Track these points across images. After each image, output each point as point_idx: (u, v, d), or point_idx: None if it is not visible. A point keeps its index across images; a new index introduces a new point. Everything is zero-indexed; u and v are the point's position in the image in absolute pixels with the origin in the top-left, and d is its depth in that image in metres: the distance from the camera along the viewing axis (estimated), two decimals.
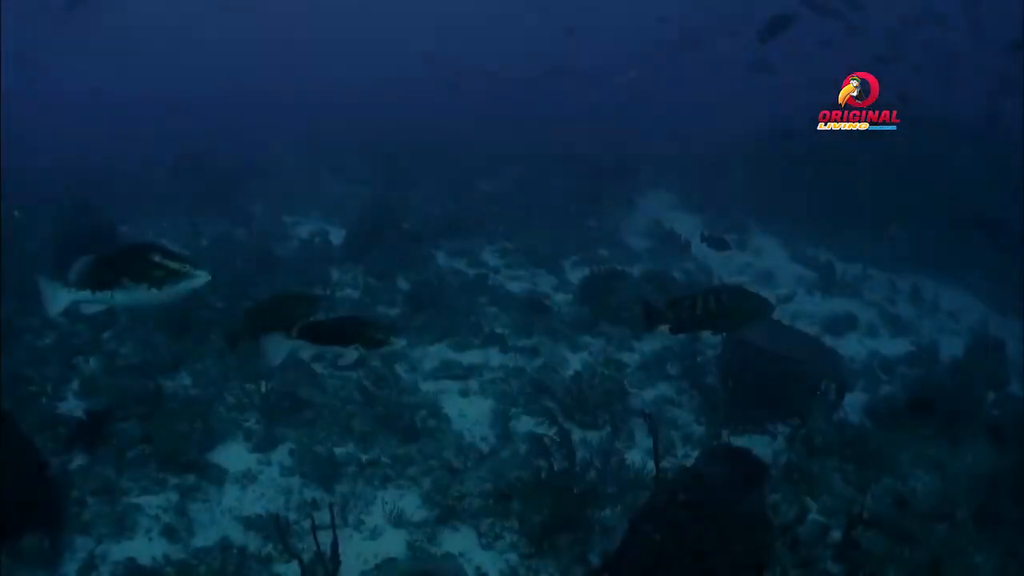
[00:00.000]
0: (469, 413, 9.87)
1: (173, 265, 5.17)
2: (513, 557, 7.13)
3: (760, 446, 9.43)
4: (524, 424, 9.57)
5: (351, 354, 5.85)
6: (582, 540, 7.25)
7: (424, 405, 9.69)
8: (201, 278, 5.26)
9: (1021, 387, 11.73)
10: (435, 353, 11.44)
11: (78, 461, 8.08)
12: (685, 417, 10.16)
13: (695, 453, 9.11)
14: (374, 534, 7.38)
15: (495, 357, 11.48)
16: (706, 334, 12.25)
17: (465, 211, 18.91)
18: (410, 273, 14.46)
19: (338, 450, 8.68)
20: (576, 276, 15.38)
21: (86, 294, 5.23)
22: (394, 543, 7.28)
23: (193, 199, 19.54)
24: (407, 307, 12.82)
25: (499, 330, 12.28)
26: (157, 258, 5.16)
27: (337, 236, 16.71)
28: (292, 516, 7.55)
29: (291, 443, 8.77)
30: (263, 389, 9.30)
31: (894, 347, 13.22)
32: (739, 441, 9.25)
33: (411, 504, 7.82)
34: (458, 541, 7.35)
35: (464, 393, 10.41)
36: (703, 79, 29.06)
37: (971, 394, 9.92)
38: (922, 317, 14.85)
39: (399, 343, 6.03)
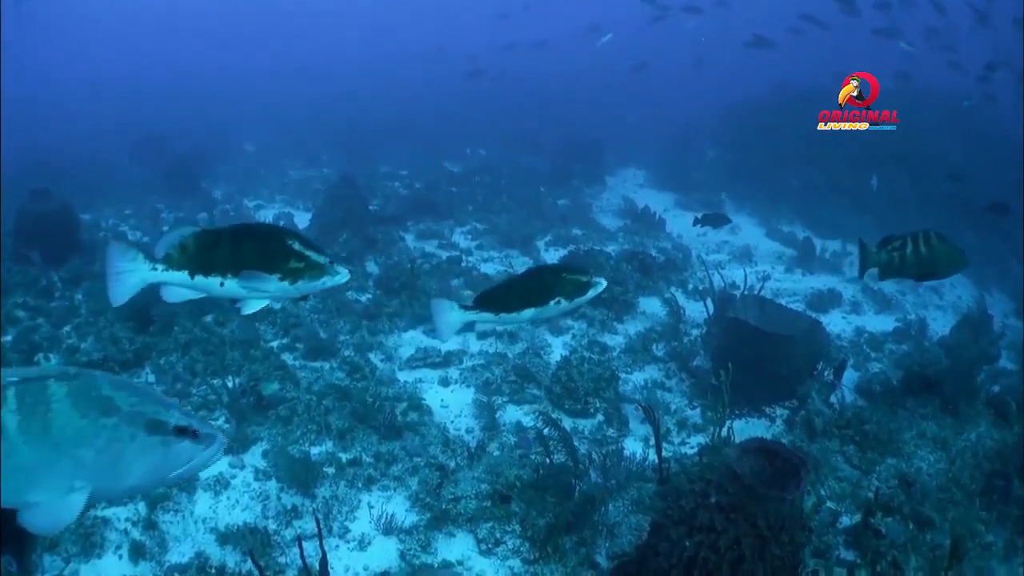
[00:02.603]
0: (452, 404, 9.36)
1: (316, 258, 4.35)
2: (516, 564, 6.63)
3: (759, 430, 9.14)
4: (511, 414, 9.08)
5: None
6: (587, 541, 6.79)
7: (403, 397, 9.17)
8: (343, 276, 4.51)
9: (1012, 361, 11.53)
10: (411, 340, 10.93)
11: None
12: (678, 402, 9.77)
13: (692, 440, 8.85)
14: (362, 543, 6.80)
15: (474, 343, 10.95)
16: (691, 313, 12.11)
17: (433, 192, 18.48)
18: (380, 256, 13.99)
19: (315, 450, 8.09)
20: (551, 256, 15.06)
21: (180, 276, 4.21)
22: (385, 553, 6.74)
23: (155, 184, 19.28)
24: (378, 292, 12.27)
25: None
26: (297, 246, 4.29)
27: (302, 219, 16.24)
28: (271, 526, 6.97)
29: (265, 443, 8.15)
30: (231, 384, 8.68)
31: (880, 323, 12.96)
32: (738, 425, 8.86)
33: (399, 507, 7.25)
34: (455, 548, 6.80)
35: (444, 382, 9.88)
36: (674, 53, 28.65)
37: (968, 370, 9.61)
38: (905, 293, 14.60)
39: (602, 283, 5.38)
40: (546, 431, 7.61)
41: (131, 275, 4.14)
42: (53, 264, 12.05)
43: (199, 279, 4.21)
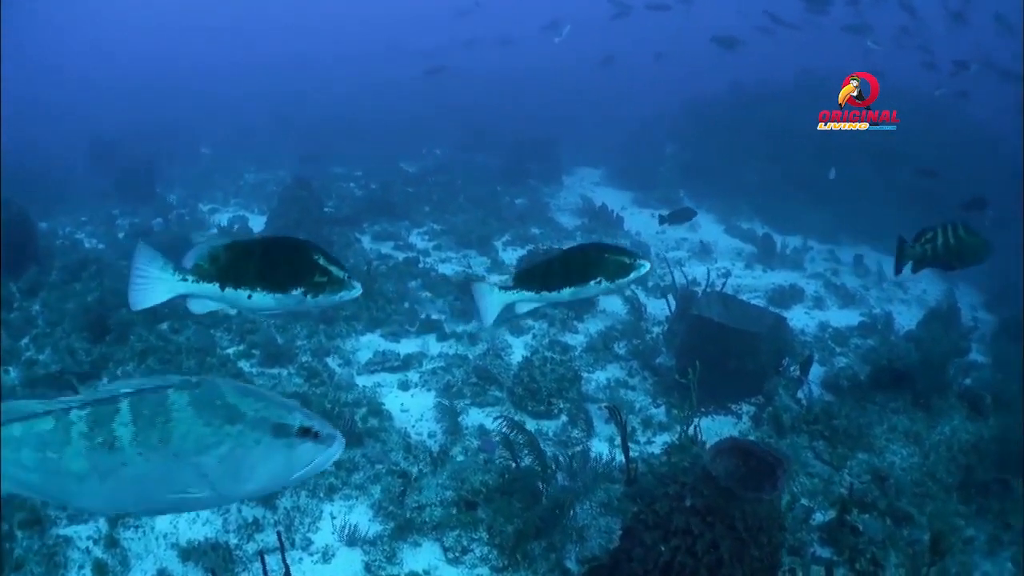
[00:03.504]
0: (412, 408, 9.10)
1: (338, 272, 4.30)
2: (485, 572, 6.40)
3: (726, 428, 9.03)
4: (474, 418, 8.85)
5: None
6: (557, 546, 6.59)
7: (363, 402, 8.92)
8: (357, 290, 4.42)
9: (983, 354, 11.51)
10: (369, 343, 10.66)
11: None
12: (642, 400, 9.61)
13: (658, 439, 8.68)
14: (326, 556, 6.54)
15: (433, 345, 10.73)
16: (652, 310, 11.98)
17: (389, 193, 18.23)
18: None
19: None
20: (509, 256, 14.86)
21: (211, 288, 4.16)
22: (350, 565, 6.48)
23: (110, 189, 18.90)
24: None
25: (435, 316, 11.56)
26: (322, 261, 4.26)
27: (257, 223, 15.92)
28: (232, 540, 6.69)
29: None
30: None
31: (844, 318, 12.91)
32: (704, 423, 8.71)
33: (362, 517, 7.00)
34: (421, 557, 6.55)
35: (404, 386, 9.62)
36: (632, 50, 28.60)
37: (940, 363, 9.55)
38: (868, 287, 14.61)
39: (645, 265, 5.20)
40: (511, 435, 7.39)
41: (159, 283, 4.10)
42: (10, 274, 11.65)
43: (229, 291, 4.19)
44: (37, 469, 2.79)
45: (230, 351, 10.01)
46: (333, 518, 7.00)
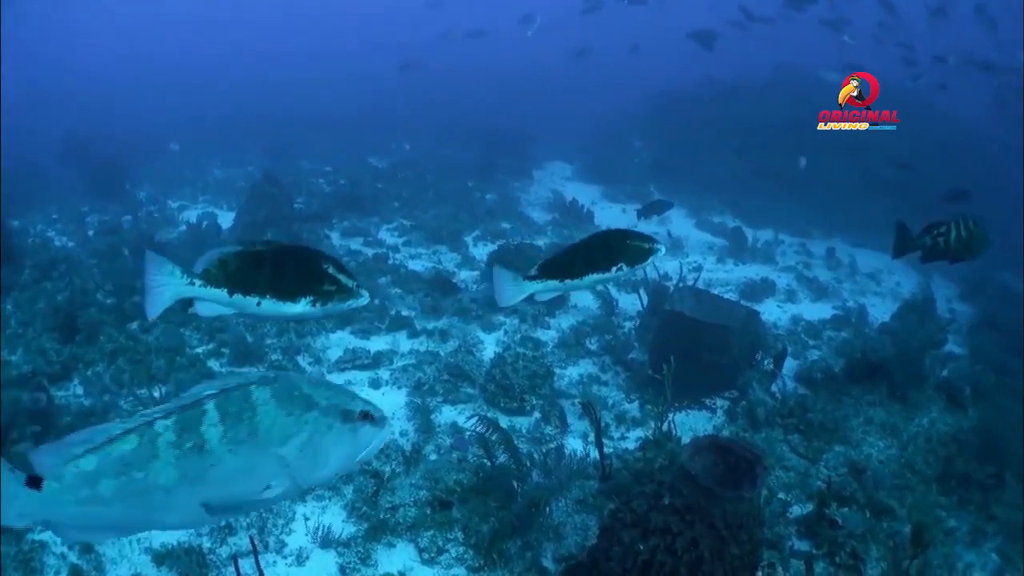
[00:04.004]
0: (384, 406, 8.92)
1: (346, 281, 4.26)
2: (461, 572, 6.30)
3: (700, 422, 9.00)
4: (446, 415, 8.74)
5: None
6: (533, 544, 6.50)
7: None
8: (364, 299, 4.35)
9: (959, 346, 11.54)
10: (339, 341, 10.53)
11: None
12: (615, 396, 9.55)
13: (632, 434, 8.63)
14: (300, 558, 6.41)
15: (404, 342, 10.62)
16: (624, 305, 11.93)
17: (359, 188, 18.12)
18: None
19: None
20: (480, 252, 14.78)
21: (219, 293, 4.13)
22: (324, 568, 6.35)
23: (80, 187, 18.70)
24: None
25: (405, 312, 11.43)
26: (331, 270, 4.22)
27: (226, 219, 15.75)
28: (206, 544, 6.54)
29: None
30: (157, 395, 8.21)
31: (816, 311, 12.92)
32: (679, 418, 8.67)
33: (336, 518, 6.86)
34: (396, 559, 6.43)
35: (375, 384, 9.49)
36: (606, 44, 28.52)
37: (917, 355, 9.57)
38: (841, 280, 14.64)
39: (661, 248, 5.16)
40: (485, 433, 7.29)
41: (166, 288, 4.08)
42: None
43: (237, 297, 4.17)
44: (118, 498, 2.78)
45: (200, 350, 9.85)
46: (306, 520, 6.86)
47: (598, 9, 23.39)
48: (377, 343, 10.53)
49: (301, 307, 4.20)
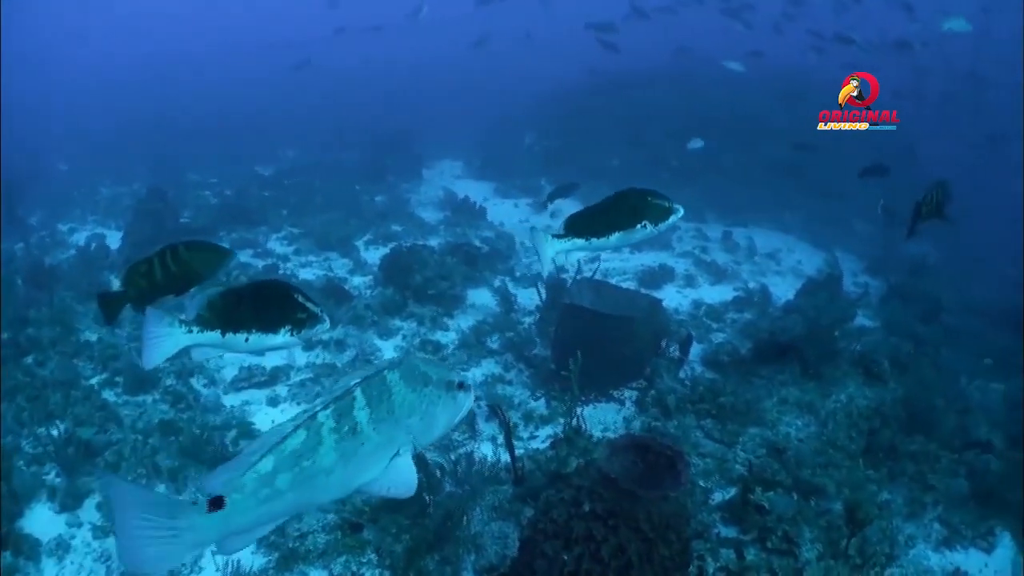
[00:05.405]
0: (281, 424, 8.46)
1: (313, 308, 4.37)
2: None
3: (610, 414, 8.74)
4: None
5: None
6: (451, 558, 6.11)
7: (232, 423, 8.33)
8: (327, 323, 4.44)
9: (870, 319, 11.51)
10: (233, 359, 9.92)
11: None
12: (520, 394, 9.24)
13: (541, 432, 8.36)
14: None
15: (300, 355, 10.09)
16: (522, 300, 11.63)
17: (244, 198, 17.53)
18: None
19: None
20: (372, 256, 14.26)
21: (214, 336, 4.21)
22: None
23: None
24: None
25: None
26: (300, 299, 4.34)
27: (114, 239, 14.94)
28: None
29: (97, 495, 7.15)
30: (56, 433, 7.63)
31: (717, 294, 12.81)
32: (587, 412, 8.36)
33: (244, 552, 6.36)
34: None
35: (273, 402, 9.02)
36: (495, 39, 28.31)
37: (825, 332, 9.47)
38: (740, 262, 14.58)
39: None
40: None
41: (167, 339, 4.19)
42: None
43: (229, 336, 4.28)
44: (291, 488, 3.03)
45: (94, 381, 9.19)
46: (214, 554, 6.36)
47: (491, 3, 23.16)
48: (272, 359, 9.92)
49: (281, 337, 4.33)
